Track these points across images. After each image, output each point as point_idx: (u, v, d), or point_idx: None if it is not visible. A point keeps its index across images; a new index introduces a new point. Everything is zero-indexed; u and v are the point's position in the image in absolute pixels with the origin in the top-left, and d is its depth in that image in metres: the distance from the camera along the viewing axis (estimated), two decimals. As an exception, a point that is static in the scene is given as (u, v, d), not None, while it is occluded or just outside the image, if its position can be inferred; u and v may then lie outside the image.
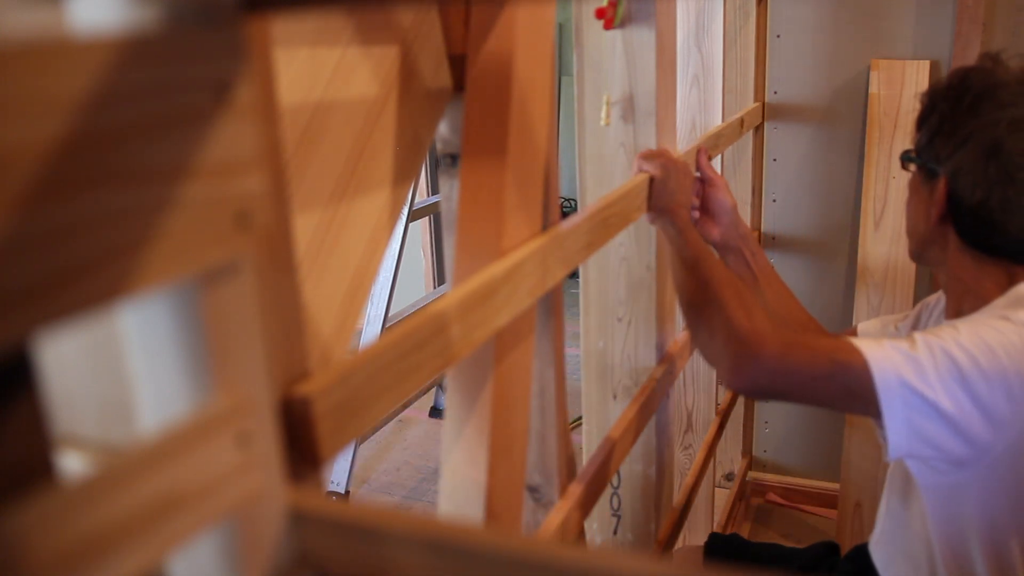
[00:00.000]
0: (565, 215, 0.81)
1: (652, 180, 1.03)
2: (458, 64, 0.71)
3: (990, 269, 0.94)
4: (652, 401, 1.13)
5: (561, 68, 4.64)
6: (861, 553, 1.17)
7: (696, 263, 0.98)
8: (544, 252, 0.73)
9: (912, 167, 1.00)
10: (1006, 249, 0.92)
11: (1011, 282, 0.92)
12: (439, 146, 0.76)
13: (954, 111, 0.93)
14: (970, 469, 0.83)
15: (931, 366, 0.79)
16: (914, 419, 0.80)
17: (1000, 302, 0.89)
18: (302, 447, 0.43)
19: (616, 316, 1.18)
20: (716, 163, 1.77)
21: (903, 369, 0.80)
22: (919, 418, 0.80)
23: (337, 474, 2.38)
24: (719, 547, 1.35)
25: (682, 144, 1.42)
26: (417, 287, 3.64)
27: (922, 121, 0.99)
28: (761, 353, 0.84)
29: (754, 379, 0.85)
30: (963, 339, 0.80)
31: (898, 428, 0.80)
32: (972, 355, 0.79)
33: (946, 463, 0.84)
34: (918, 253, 1.03)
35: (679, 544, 1.49)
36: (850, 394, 0.82)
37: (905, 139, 1.80)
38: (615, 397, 1.21)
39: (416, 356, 0.53)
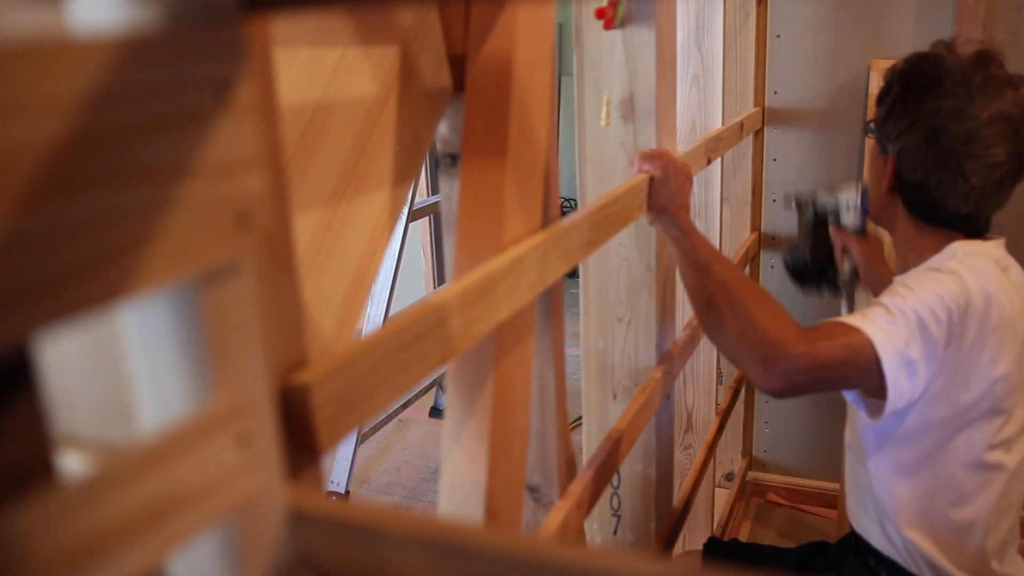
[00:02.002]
0: (565, 215, 0.81)
1: (652, 180, 1.03)
2: (458, 64, 0.71)
3: (930, 234, 1.08)
4: (652, 401, 1.13)
5: (561, 68, 4.65)
6: (851, 535, 1.21)
7: (708, 266, 1.00)
8: (544, 248, 0.73)
9: (871, 136, 1.14)
10: (944, 220, 1.07)
11: (947, 240, 1.07)
12: (439, 146, 0.76)
13: (904, 95, 1.05)
14: (913, 410, 0.99)
15: (905, 327, 0.93)
16: (901, 378, 0.93)
17: (935, 258, 1.05)
18: (300, 437, 0.43)
19: (616, 316, 1.18)
20: (716, 163, 1.77)
21: (892, 336, 0.92)
22: (904, 375, 0.94)
23: (337, 474, 2.38)
24: (717, 551, 1.36)
25: (682, 144, 1.42)
26: (417, 287, 3.64)
27: (881, 98, 1.11)
28: (791, 353, 0.89)
29: (787, 379, 0.90)
30: (919, 295, 0.95)
31: (896, 390, 0.94)
32: (931, 309, 0.94)
33: (907, 408, 0.99)
34: (875, 215, 1.18)
35: (679, 544, 1.49)
36: (861, 371, 0.93)
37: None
38: (615, 397, 1.21)
39: (416, 347, 0.53)
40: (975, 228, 1.07)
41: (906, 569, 1.08)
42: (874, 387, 0.95)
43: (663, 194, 1.03)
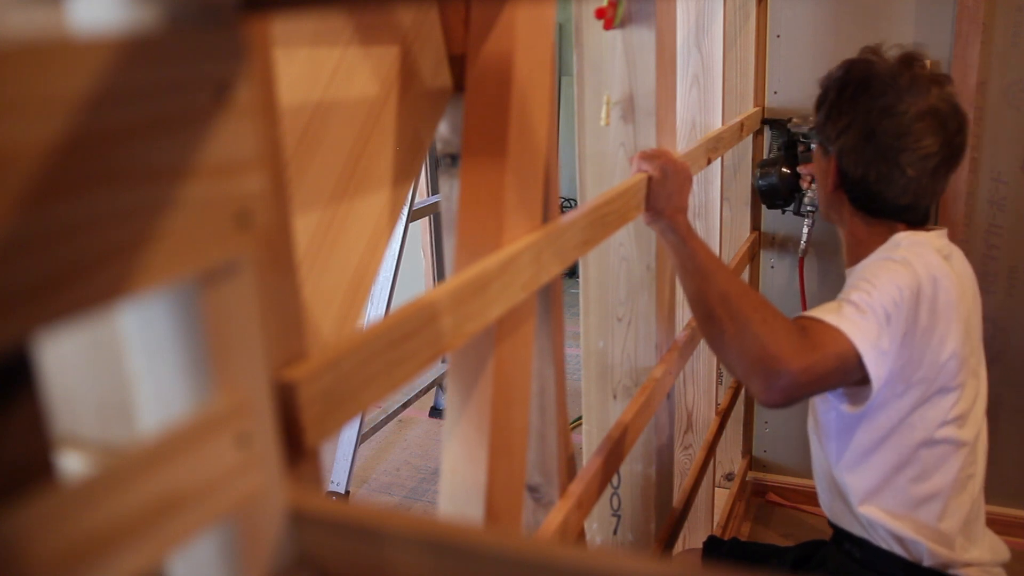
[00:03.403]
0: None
1: (650, 180, 1.02)
2: (458, 64, 0.71)
3: (876, 227, 1.17)
4: (652, 401, 1.13)
5: (561, 68, 4.65)
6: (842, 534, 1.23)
7: (708, 275, 1.01)
8: (539, 246, 0.73)
9: (814, 142, 1.23)
10: (886, 211, 1.16)
11: (890, 231, 1.16)
12: (439, 146, 0.76)
13: (839, 99, 1.15)
14: (872, 393, 1.04)
15: (875, 321, 0.99)
16: (879, 370, 1.00)
17: (882, 249, 1.13)
18: (288, 433, 0.43)
19: (616, 316, 1.18)
20: (716, 163, 1.77)
21: (869, 334, 0.98)
22: (882, 367, 1.00)
23: (337, 474, 2.38)
24: (716, 549, 1.36)
25: (682, 144, 1.42)
26: (417, 287, 3.64)
27: (819, 104, 1.20)
28: (792, 369, 0.93)
29: (787, 393, 0.94)
30: (880, 288, 1.02)
31: (878, 382, 1.00)
32: (893, 299, 1.01)
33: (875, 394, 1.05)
34: (825, 213, 1.26)
35: (679, 544, 1.49)
36: (848, 374, 0.99)
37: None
38: (615, 397, 1.21)
39: (406, 345, 0.53)
40: (916, 218, 1.17)
41: (876, 546, 1.14)
42: (855, 381, 1.02)
43: (661, 195, 1.03)
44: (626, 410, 1.07)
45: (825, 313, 1.00)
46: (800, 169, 1.56)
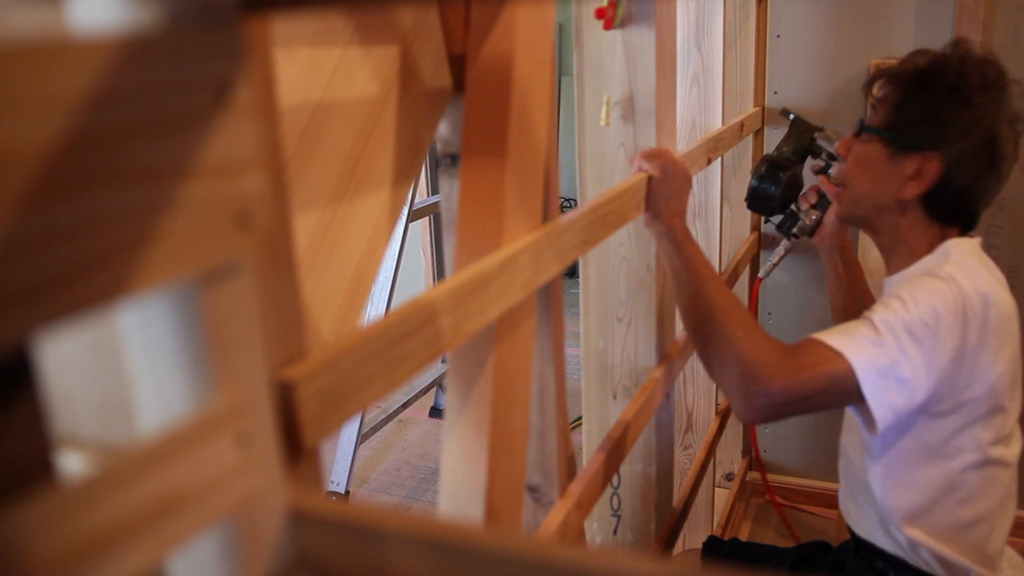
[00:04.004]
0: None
1: (650, 180, 1.02)
2: (458, 64, 0.71)
3: (932, 231, 1.06)
4: (652, 401, 1.13)
5: (561, 68, 4.65)
6: (849, 545, 1.19)
7: (699, 285, 0.99)
8: (538, 246, 0.73)
9: (873, 139, 1.08)
10: (959, 219, 1.06)
11: (942, 237, 1.06)
12: (439, 146, 0.76)
13: (953, 98, 1.01)
14: (917, 417, 0.98)
15: (895, 345, 0.92)
16: (892, 397, 0.92)
17: (930, 259, 1.04)
18: (287, 432, 0.43)
19: (616, 316, 1.18)
20: (716, 163, 1.77)
21: (877, 359, 0.91)
22: (895, 394, 0.92)
23: (337, 474, 2.38)
24: (716, 550, 1.36)
25: (682, 144, 1.42)
26: (417, 287, 3.64)
27: (902, 102, 1.05)
28: (771, 389, 0.90)
29: (766, 412, 0.92)
30: (912, 308, 0.93)
31: (882, 407, 0.92)
32: (925, 322, 0.92)
33: (910, 416, 0.98)
34: (861, 217, 1.13)
35: (679, 544, 1.49)
36: (842, 396, 0.94)
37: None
38: (615, 397, 1.21)
39: (405, 345, 0.53)
40: (973, 224, 1.08)
41: (915, 567, 1.07)
42: (864, 406, 0.94)
43: (660, 195, 1.02)
44: (626, 410, 1.07)
45: (832, 334, 0.94)
46: (823, 187, 1.34)
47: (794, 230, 1.46)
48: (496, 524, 0.72)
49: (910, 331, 0.92)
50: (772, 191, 1.47)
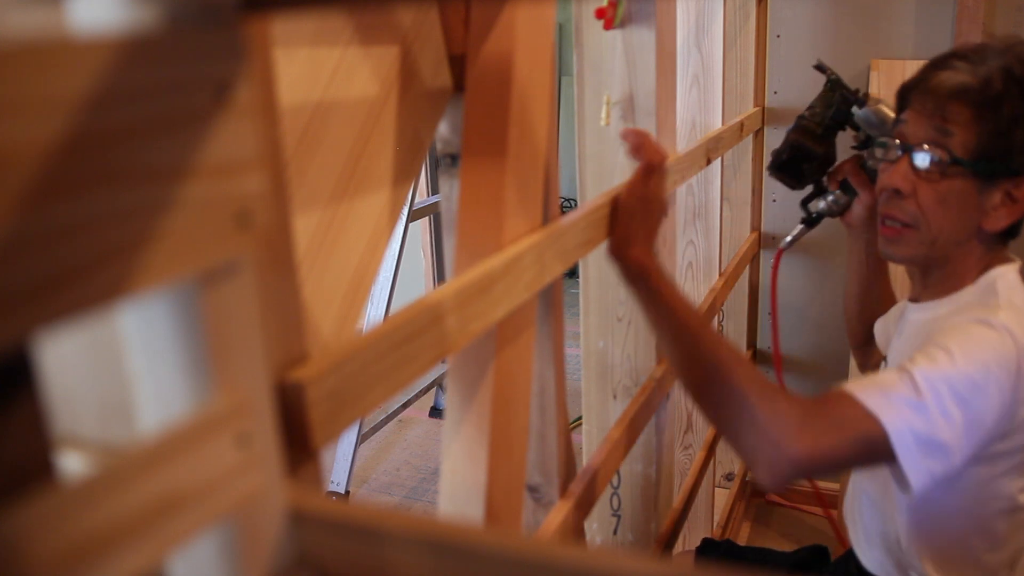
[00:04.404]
0: (565, 215, 0.81)
1: (622, 196, 0.89)
2: (458, 64, 0.71)
3: (983, 257, 0.95)
4: (652, 401, 1.13)
5: (561, 68, 4.65)
6: (852, 556, 1.17)
7: (693, 341, 0.84)
8: (542, 246, 0.73)
9: (960, 172, 0.91)
10: (1013, 238, 0.96)
11: (988, 263, 0.95)
12: (439, 146, 0.76)
13: None
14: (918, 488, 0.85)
15: (937, 407, 0.80)
16: (931, 464, 0.81)
17: (972, 291, 0.93)
18: (295, 434, 0.43)
19: (616, 316, 1.18)
20: (716, 164, 1.77)
21: (915, 423, 0.80)
22: (934, 461, 0.81)
23: (337, 474, 2.38)
24: (711, 552, 1.36)
25: (682, 144, 1.42)
26: (417, 287, 3.64)
27: (998, 127, 0.89)
28: (795, 455, 0.79)
29: (790, 479, 0.82)
30: (960, 364, 0.81)
31: (919, 474, 0.81)
32: (973, 380, 0.81)
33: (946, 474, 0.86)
34: (927, 257, 0.96)
35: (679, 544, 1.49)
36: (875, 459, 0.83)
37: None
38: (615, 397, 1.21)
39: (411, 346, 0.53)
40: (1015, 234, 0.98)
41: None
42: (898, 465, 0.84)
43: (634, 213, 0.87)
44: (626, 410, 1.07)
45: (866, 388, 0.82)
46: (852, 178, 1.18)
47: (816, 212, 1.27)
48: (496, 524, 0.72)
49: (955, 391, 0.80)
50: (816, 153, 1.23)
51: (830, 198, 1.24)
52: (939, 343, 0.84)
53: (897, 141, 0.96)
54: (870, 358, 1.31)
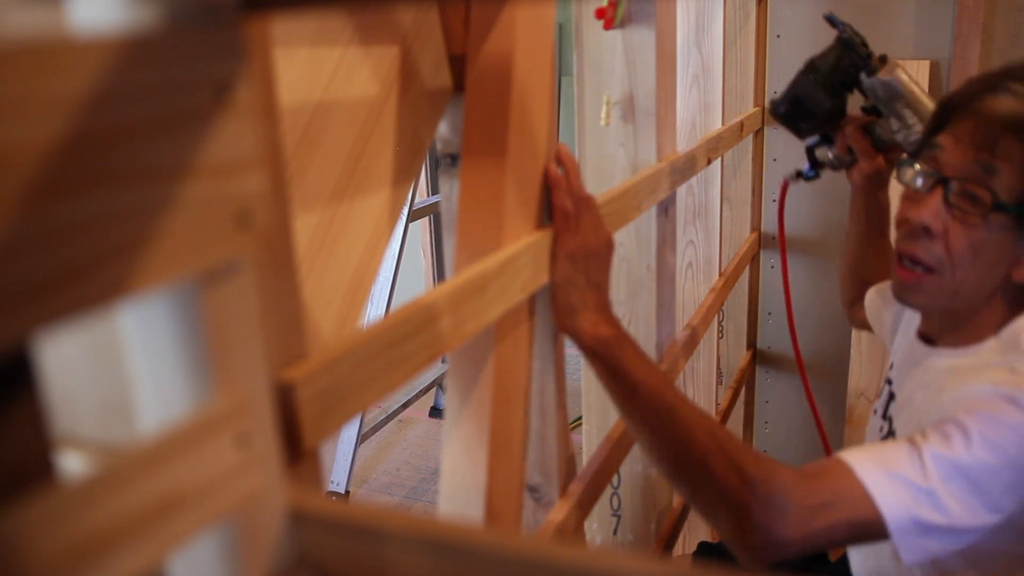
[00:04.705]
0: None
1: (553, 261, 0.76)
2: (458, 64, 0.71)
3: (1006, 304, 0.84)
4: (652, 401, 1.13)
5: (561, 68, 4.65)
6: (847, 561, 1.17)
7: (666, 417, 0.74)
8: (538, 247, 0.73)
9: (1002, 218, 0.79)
10: None
11: (1012, 313, 0.84)
12: (439, 146, 0.76)
13: None
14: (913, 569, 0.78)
15: (945, 495, 0.71)
16: (931, 546, 0.73)
17: (994, 345, 0.82)
18: (286, 433, 0.43)
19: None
20: (716, 164, 1.77)
21: (917, 509, 0.71)
22: (935, 543, 0.73)
23: (337, 474, 2.38)
24: (708, 555, 1.35)
25: (682, 144, 1.42)
26: (417, 287, 3.64)
27: None
28: (780, 539, 0.71)
29: (775, 560, 0.74)
30: (977, 449, 0.71)
31: (918, 555, 0.73)
32: (990, 467, 0.71)
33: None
34: (947, 307, 0.86)
35: (679, 544, 1.49)
36: (867, 537, 0.75)
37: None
38: (615, 397, 1.21)
39: (405, 346, 0.53)
40: None
41: None
42: None
43: (572, 284, 0.76)
44: (626, 410, 1.07)
45: (866, 462, 0.72)
46: (855, 144, 1.09)
47: (820, 161, 1.17)
48: (496, 524, 0.72)
49: (969, 477, 0.71)
50: (818, 110, 1.13)
51: (831, 155, 1.16)
52: (958, 421, 0.73)
53: (929, 168, 0.84)
54: (858, 315, 1.25)
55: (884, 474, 0.71)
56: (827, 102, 1.14)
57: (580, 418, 1.29)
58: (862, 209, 1.17)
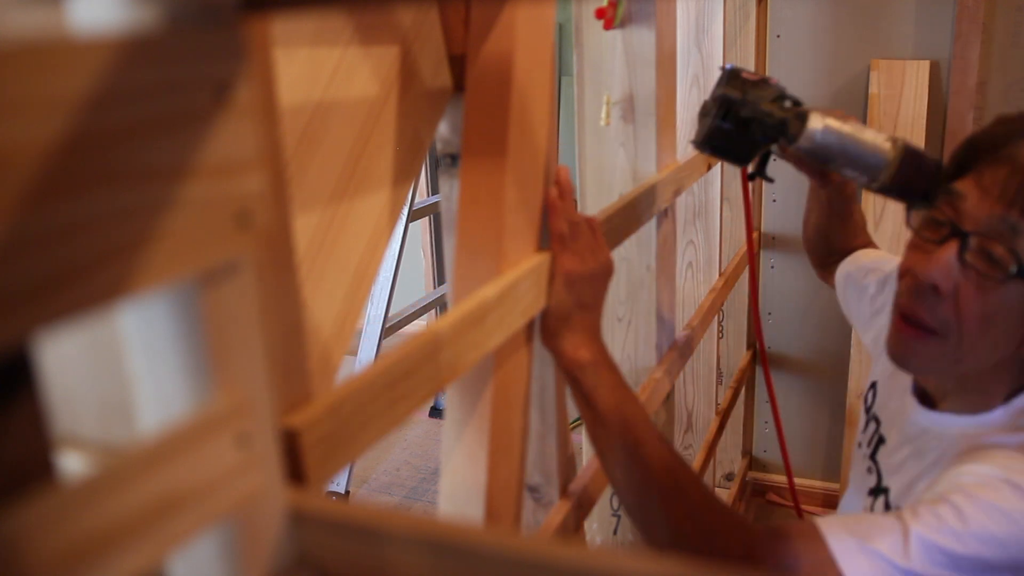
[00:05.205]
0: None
1: (556, 271, 0.75)
2: (458, 64, 0.71)
3: (1014, 372, 0.76)
4: (652, 401, 1.13)
5: (561, 68, 4.64)
6: None
7: (633, 450, 0.70)
8: (539, 271, 0.73)
9: (1012, 282, 0.69)
10: None
11: (1019, 382, 0.76)
12: (439, 146, 0.76)
13: None
14: None
15: (926, 571, 0.64)
16: None
17: (1002, 416, 0.75)
18: (291, 478, 0.43)
19: (616, 316, 1.18)
20: (716, 164, 1.77)
21: None
22: None
23: (337, 474, 2.38)
24: None
25: (682, 144, 1.42)
26: (417, 287, 3.64)
27: None
28: None
29: None
30: (971, 540, 0.64)
31: None
32: (982, 560, 0.64)
33: None
34: (948, 375, 0.78)
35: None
36: None
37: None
38: (615, 397, 1.21)
39: (405, 384, 0.54)
40: None
41: None
42: None
43: (553, 313, 0.75)
44: (626, 410, 1.07)
45: (842, 534, 0.66)
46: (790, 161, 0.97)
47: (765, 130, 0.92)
48: (496, 524, 0.72)
49: (958, 567, 0.64)
50: (751, 151, 0.95)
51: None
52: (954, 502, 0.66)
53: (945, 218, 0.73)
54: (829, 281, 1.17)
55: (858, 546, 0.65)
56: (751, 149, 0.96)
57: (580, 418, 1.29)
58: (825, 197, 1.06)
